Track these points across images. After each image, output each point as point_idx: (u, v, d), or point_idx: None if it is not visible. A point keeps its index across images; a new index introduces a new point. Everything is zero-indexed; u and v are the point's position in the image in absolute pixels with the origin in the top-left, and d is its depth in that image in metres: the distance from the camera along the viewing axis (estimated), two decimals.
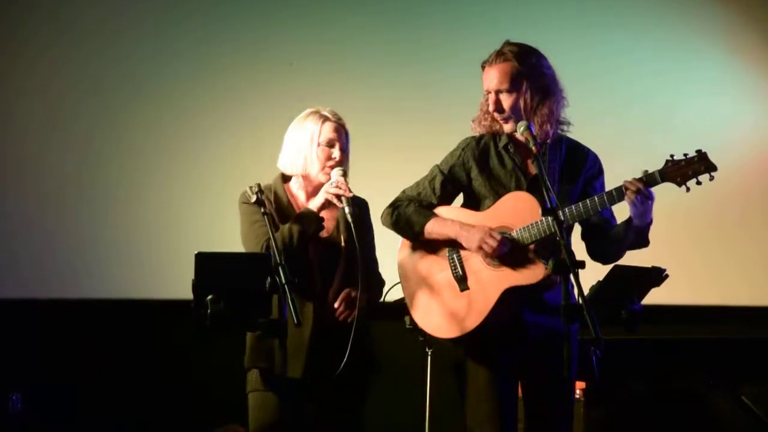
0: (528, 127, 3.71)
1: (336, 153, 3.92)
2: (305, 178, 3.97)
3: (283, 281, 3.43)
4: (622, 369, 4.98)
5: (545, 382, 3.79)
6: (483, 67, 3.87)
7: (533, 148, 3.61)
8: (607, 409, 5.04)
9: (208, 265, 3.43)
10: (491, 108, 3.84)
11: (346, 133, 3.99)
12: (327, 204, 3.86)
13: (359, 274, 3.75)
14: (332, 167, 3.90)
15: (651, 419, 5.14)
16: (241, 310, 3.44)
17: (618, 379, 5.05)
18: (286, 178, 4.01)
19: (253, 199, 3.73)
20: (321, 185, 3.91)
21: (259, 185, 3.79)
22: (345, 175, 3.89)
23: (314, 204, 3.87)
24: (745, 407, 5.20)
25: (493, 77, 3.83)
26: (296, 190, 4.00)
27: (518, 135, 3.74)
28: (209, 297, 3.39)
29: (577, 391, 4.88)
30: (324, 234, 3.91)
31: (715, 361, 5.19)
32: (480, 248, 3.76)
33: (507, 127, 3.85)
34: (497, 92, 3.83)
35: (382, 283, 4.08)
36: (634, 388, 5.14)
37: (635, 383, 5.14)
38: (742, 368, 5.25)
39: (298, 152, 3.94)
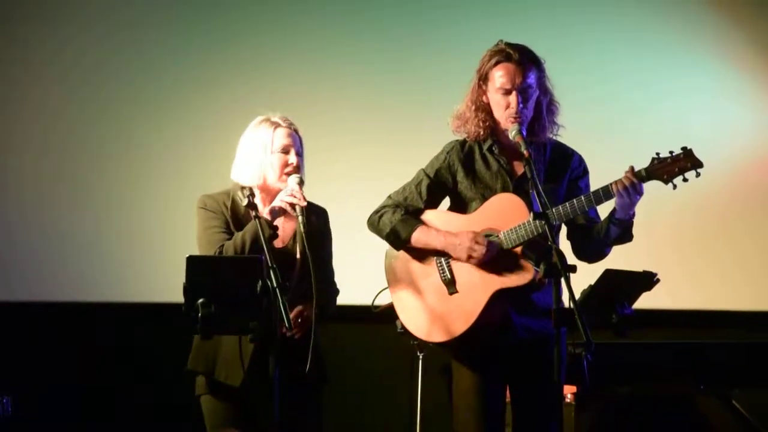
0: (520, 131, 3.71)
1: (292, 158, 3.84)
2: (263, 187, 3.88)
3: (275, 285, 3.43)
4: (613, 373, 4.98)
5: (533, 385, 3.80)
6: (496, 63, 3.79)
7: (525, 152, 3.61)
8: (598, 414, 5.04)
9: (199, 268, 3.41)
10: (516, 106, 3.75)
11: (300, 138, 3.92)
12: (280, 212, 3.77)
13: (314, 287, 3.66)
14: (289, 173, 3.83)
15: (641, 424, 5.13)
16: (232, 313, 3.43)
17: (609, 384, 5.05)
18: (243, 188, 3.87)
19: (245, 202, 3.72)
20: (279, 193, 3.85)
21: (250, 188, 3.79)
22: (302, 183, 3.80)
23: (266, 211, 3.79)
24: (737, 412, 5.19)
25: (517, 75, 3.76)
26: (254, 199, 3.84)
27: (510, 137, 3.74)
28: (200, 300, 3.38)
29: (568, 395, 4.88)
30: (279, 244, 3.85)
31: (706, 366, 5.19)
32: (469, 257, 3.76)
33: (511, 128, 3.76)
34: (520, 91, 3.77)
35: (336, 292, 3.99)
36: (625, 392, 5.13)
37: (626, 387, 5.14)
38: (733, 373, 5.24)
39: (253, 162, 3.85)
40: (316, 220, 3.88)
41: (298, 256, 3.88)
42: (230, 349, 3.72)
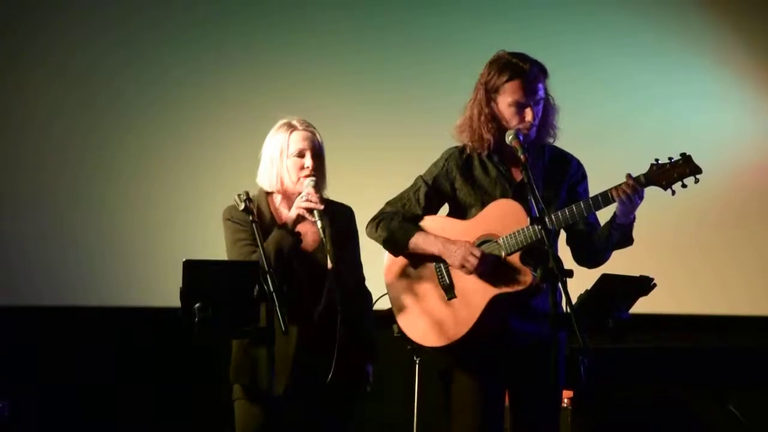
0: (516, 136, 3.71)
1: (308, 161, 3.83)
2: (282, 191, 3.89)
3: (272, 289, 3.43)
4: (610, 378, 4.99)
5: (532, 390, 3.80)
6: (509, 78, 3.78)
7: (521, 156, 3.61)
8: (595, 418, 5.05)
9: (196, 272, 3.42)
10: (533, 119, 3.77)
11: (318, 141, 3.89)
12: (300, 219, 3.79)
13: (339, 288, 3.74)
14: (306, 177, 3.82)
15: (638, 428, 5.14)
16: (229, 317, 3.44)
17: (605, 388, 5.06)
18: (269, 192, 3.92)
19: (242, 206, 3.70)
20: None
21: (247, 193, 3.77)
22: (317, 186, 3.81)
23: (287, 220, 3.80)
24: (732, 416, 5.21)
25: (531, 89, 3.77)
26: (278, 204, 3.91)
27: (507, 142, 3.74)
28: (197, 305, 3.38)
29: (565, 400, 4.88)
30: (310, 248, 3.86)
31: (702, 370, 5.20)
32: (462, 266, 3.77)
33: (507, 132, 3.75)
34: (535, 105, 3.79)
35: (370, 297, 4.03)
36: (622, 396, 5.14)
37: (623, 392, 5.15)
38: (729, 377, 5.26)
39: (272, 167, 3.86)
40: (338, 221, 3.87)
41: (328, 260, 3.87)
42: (269, 358, 3.67)
